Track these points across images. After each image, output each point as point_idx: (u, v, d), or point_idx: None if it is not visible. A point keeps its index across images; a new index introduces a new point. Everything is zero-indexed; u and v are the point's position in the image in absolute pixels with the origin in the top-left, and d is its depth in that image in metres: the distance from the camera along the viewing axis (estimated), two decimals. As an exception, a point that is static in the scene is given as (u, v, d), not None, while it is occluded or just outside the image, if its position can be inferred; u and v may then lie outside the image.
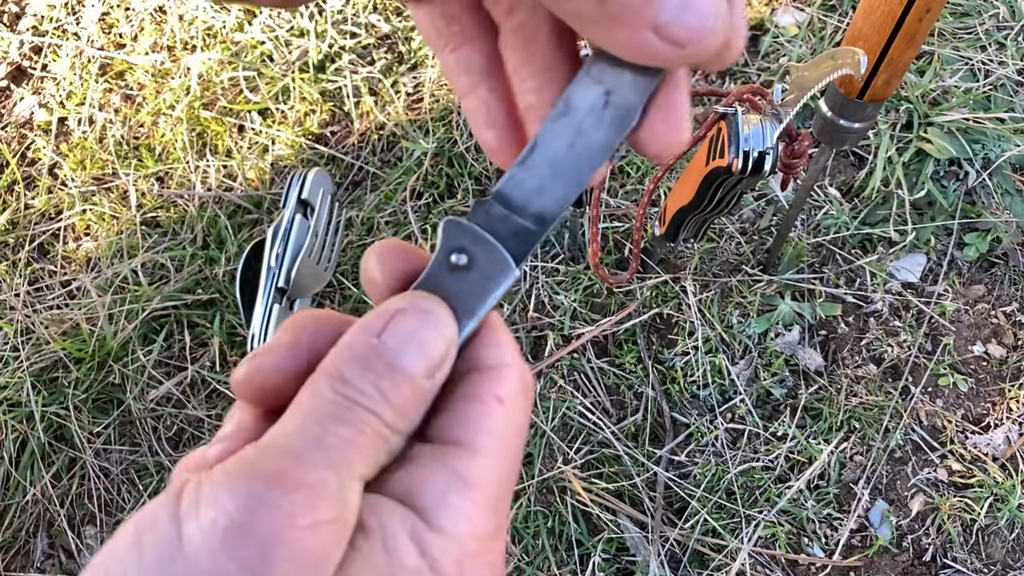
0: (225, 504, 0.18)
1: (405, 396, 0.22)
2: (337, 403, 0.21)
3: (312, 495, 0.19)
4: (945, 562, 0.93)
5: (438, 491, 0.21)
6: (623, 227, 1.09)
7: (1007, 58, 1.15)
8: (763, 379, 1.01)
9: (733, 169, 0.63)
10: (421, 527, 0.20)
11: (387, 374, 0.21)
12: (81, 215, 1.20)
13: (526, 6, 0.24)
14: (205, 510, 0.18)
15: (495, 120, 0.26)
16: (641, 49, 0.21)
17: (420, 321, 0.22)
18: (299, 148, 1.20)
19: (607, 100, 0.24)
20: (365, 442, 0.21)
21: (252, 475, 0.19)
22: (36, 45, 1.38)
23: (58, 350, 1.07)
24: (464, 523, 0.21)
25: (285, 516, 0.18)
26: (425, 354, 0.22)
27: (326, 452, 0.20)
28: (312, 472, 0.19)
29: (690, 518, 0.95)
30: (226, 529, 0.18)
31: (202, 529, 0.18)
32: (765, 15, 1.23)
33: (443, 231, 0.25)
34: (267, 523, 0.18)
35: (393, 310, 0.23)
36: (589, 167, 0.25)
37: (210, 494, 0.18)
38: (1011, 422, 0.98)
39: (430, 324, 0.23)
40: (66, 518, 1.02)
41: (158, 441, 1.05)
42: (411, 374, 0.22)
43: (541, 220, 0.25)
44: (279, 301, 1.02)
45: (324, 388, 0.21)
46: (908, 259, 1.07)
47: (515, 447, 0.23)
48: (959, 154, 1.05)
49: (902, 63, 0.65)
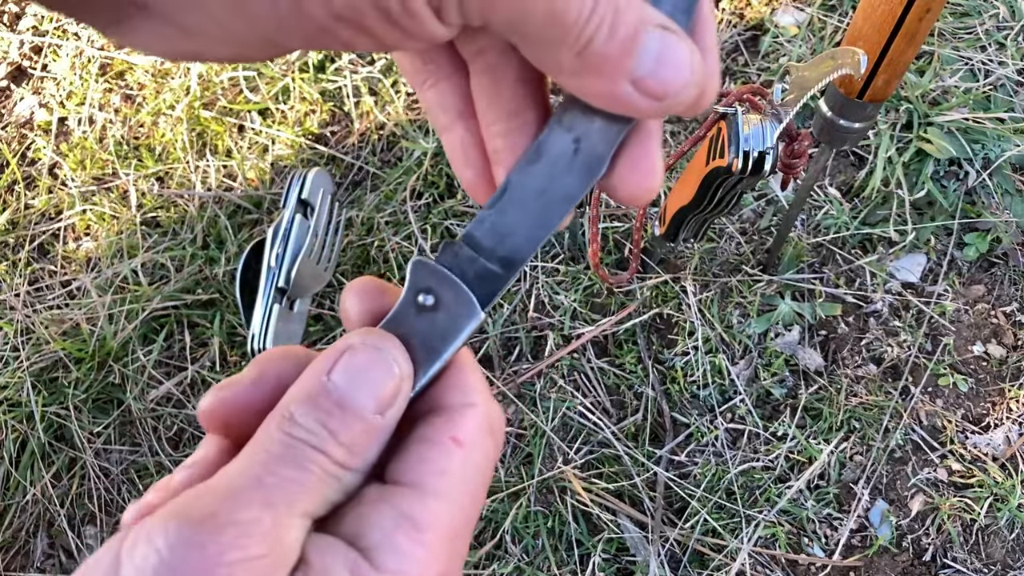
0: (157, 544, 0.19)
1: (355, 433, 0.22)
2: (283, 442, 0.21)
3: (240, 533, 0.19)
4: (945, 562, 0.93)
5: (385, 532, 0.21)
6: (623, 227, 1.09)
7: (1007, 58, 1.15)
8: (763, 379, 1.01)
9: (733, 169, 0.63)
10: (364, 567, 0.21)
11: (335, 412, 0.22)
12: (81, 215, 1.20)
13: (495, 49, 0.24)
14: (140, 550, 0.19)
15: (472, 160, 0.27)
16: (618, 101, 0.21)
17: (371, 359, 0.23)
18: (299, 148, 1.21)
19: (577, 148, 0.24)
20: (311, 480, 0.21)
21: (183, 517, 0.19)
22: (36, 45, 1.38)
23: (58, 350, 1.07)
24: (410, 564, 0.21)
25: (213, 555, 0.19)
26: (375, 392, 0.22)
27: (265, 491, 0.20)
28: (245, 511, 0.20)
29: (690, 518, 0.95)
30: (156, 569, 0.18)
31: (136, 568, 0.19)
32: (765, 15, 1.23)
33: (411, 271, 0.26)
34: (195, 563, 0.18)
35: (343, 348, 0.23)
36: (558, 213, 0.25)
37: (146, 535, 0.19)
38: (1011, 422, 0.98)
39: (380, 361, 0.23)
40: (66, 518, 1.02)
41: (158, 441, 1.05)
42: (360, 412, 0.22)
43: (509, 264, 0.25)
44: (279, 301, 1.02)
45: (273, 428, 0.21)
46: (908, 259, 1.07)
47: (474, 488, 0.23)
48: (959, 154, 1.05)
49: (902, 63, 0.65)
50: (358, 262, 1.12)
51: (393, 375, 0.23)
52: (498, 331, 1.05)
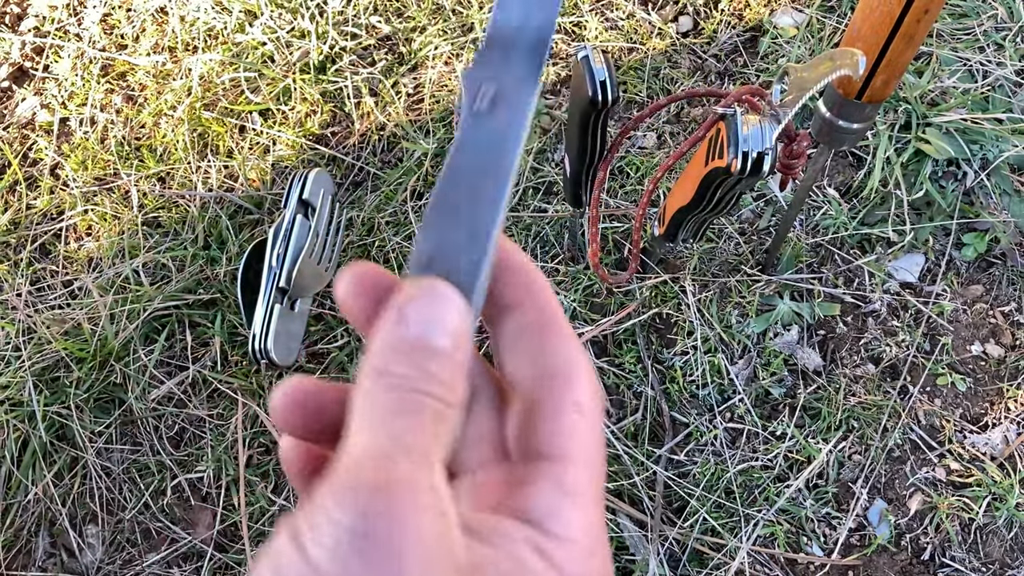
0: (339, 518, 0.19)
1: (445, 369, 0.23)
2: (391, 395, 0.22)
3: (409, 489, 0.20)
4: (944, 561, 0.93)
5: (550, 504, 0.23)
6: (623, 227, 1.10)
7: (1005, 59, 1.15)
8: (762, 379, 1.01)
9: (732, 169, 0.63)
10: (541, 538, 0.22)
11: (422, 354, 0.22)
12: (83, 215, 1.21)
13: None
14: (324, 529, 0.19)
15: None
16: None
17: (432, 302, 0.23)
18: (300, 149, 1.21)
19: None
20: (429, 424, 0.22)
21: (353, 487, 0.20)
22: (38, 46, 1.38)
23: (60, 350, 1.08)
24: (576, 530, 0.23)
25: (398, 516, 0.19)
26: (447, 329, 0.23)
27: (402, 446, 0.21)
28: (399, 469, 0.20)
29: (689, 517, 0.95)
30: (349, 541, 0.19)
31: (325, 547, 0.19)
32: (764, 16, 1.24)
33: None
34: (384, 527, 0.19)
35: (405, 299, 0.23)
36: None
37: (324, 515, 0.19)
38: (1009, 421, 0.99)
39: (442, 302, 0.24)
40: (68, 517, 1.02)
41: (159, 440, 1.05)
42: (441, 350, 0.23)
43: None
44: (280, 301, 1.03)
45: (372, 386, 0.22)
46: (906, 259, 1.08)
47: (602, 448, 0.25)
48: (957, 154, 1.06)
49: (900, 64, 0.66)
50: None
51: (459, 310, 0.24)
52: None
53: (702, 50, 1.23)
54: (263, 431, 1.04)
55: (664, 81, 1.21)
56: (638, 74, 1.21)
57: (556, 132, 1.18)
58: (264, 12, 1.30)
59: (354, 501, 0.19)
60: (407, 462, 0.21)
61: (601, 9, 1.28)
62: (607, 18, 1.27)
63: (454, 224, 0.25)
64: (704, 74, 1.22)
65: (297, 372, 1.05)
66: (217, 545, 1.00)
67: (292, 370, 1.06)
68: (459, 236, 0.25)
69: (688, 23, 1.26)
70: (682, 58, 1.23)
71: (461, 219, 0.25)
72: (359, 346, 1.07)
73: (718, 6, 1.27)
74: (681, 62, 1.23)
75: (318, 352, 1.08)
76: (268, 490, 1.01)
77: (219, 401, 1.06)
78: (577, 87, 0.69)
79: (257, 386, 1.05)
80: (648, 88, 1.20)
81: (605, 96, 0.66)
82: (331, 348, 1.07)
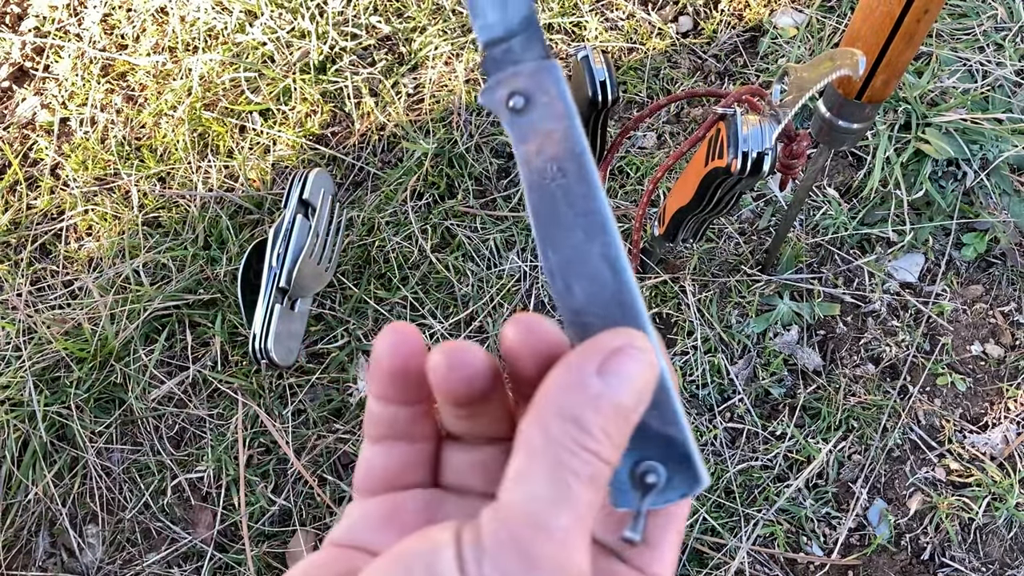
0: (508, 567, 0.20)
1: (624, 433, 0.22)
2: (571, 452, 0.21)
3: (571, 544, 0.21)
4: (943, 561, 0.93)
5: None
6: (622, 227, 1.10)
7: (1005, 59, 1.15)
8: (762, 379, 1.01)
9: (732, 170, 0.63)
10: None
11: (611, 415, 0.22)
12: (83, 215, 1.21)
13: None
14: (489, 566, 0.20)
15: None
16: None
17: (636, 360, 0.23)
18: (300, 149, 1.21)
19: None
20: (596, 484, 0.22)
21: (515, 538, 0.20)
22: (38, 46, 1.38)
23: (60, 350, 1.08)
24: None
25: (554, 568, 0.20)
26: (638, 391, 0.23)
27: (569, 501, 0.21)
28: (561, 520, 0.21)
29: (689, 517, 0.95)
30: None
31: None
32: (764, 16, 1.24)
33: None
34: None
35: (609, 349, 0.23)
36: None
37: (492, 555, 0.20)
38: (1009, 421, 0.99)
39: (645, 363, 0.23)
40: (68, 517, 1.03)
41: (160, 440, 1.05)
42: (628, 413, 0.22)
43: None
44: (280, 301, 1.03)
45: (560, 434, 0.22)
46: (906, 259, 1.08)
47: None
48: (957, 154, 1.06)
49: (900, 64, 0.66)
50: (359, 262, 1.12)
51: (654, 375, 0.23)
52: (498, 331, 1.05)
53: (702, 50, 1.23)
54: (263, 431, 1.04)
55: (664, 81, 1.21)
56: (638, 74, 1.22)
57: (556, 132, 1.18)
58: (264, 12, 1.30)
59: (517, 551, 0.20)
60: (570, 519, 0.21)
61: (601, 9, 1.28)
62: (607, 18, 1.27)
63: (579, 261, 0.24)
64: (704, 74, 1.22)
65: (298, 371, 1.06)
66: (217, 545, 1.00)
67: (292, 370, 1.06)
68: (591, 274, 0.24)
69: (688, 23, 1.26)
70: (682, 58, 1.23)
71: (580, 252, 0.24)
72: (359, 346, 1.07)
73: (718, 6, 1.27)
74: (681, 62, 1.23)
75: (318, 352, 1.08)
76: (268, 490, 1.02)
77: (219, 401, 1.07)
78: (577, 87, 0.69)
79: (257, 386, 1.05)
80: (648, 88, 1.20)
81: (605, 96, 0.66)
82: (331, 348, 1.07)
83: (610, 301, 0.24)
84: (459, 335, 1.06)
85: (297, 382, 1.06)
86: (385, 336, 0.25)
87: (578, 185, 0.24)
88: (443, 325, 1.06)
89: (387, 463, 0.27)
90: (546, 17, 1.26)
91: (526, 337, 0.23)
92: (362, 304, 1.09)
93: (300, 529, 0.99)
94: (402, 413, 0.26)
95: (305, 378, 1.06)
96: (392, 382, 0.26)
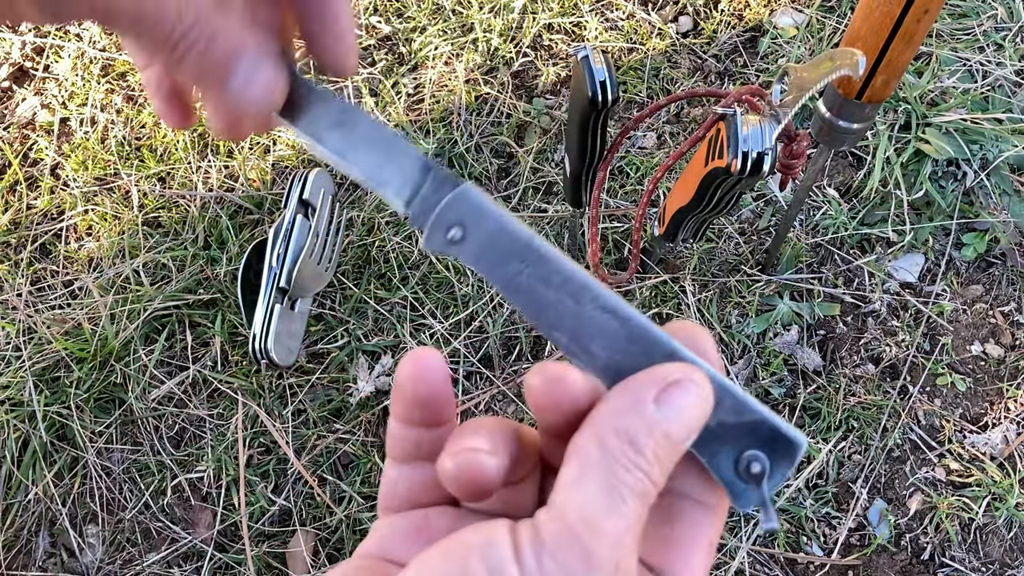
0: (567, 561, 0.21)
1: (672, 462, 0.24)
2: (625, 469, 0.23)
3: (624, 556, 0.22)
4: (943, 561, 0.93)
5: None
6: (623, 227, 1.10)
7: (1005, 59, 1.15)
8: (762, 379, 1.01)
9: (732, 170, 0.63)
10: None
11: (663, 443, 0.23)
12: (83, 215, 1.21)
13: None
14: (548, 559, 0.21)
15: (162, 91, 0.33)
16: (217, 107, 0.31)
17: (694, 394, 0.24)
18: (300, 149, 1.21)
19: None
20: (645, 505, 0.23)
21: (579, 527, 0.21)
22: (38, 46, 1.38)
23: (60, 350, 1.08)
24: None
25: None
26: (690, 423, 0.24)
27: (623, 518, 0.22)
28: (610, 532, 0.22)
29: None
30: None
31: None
32: (764, 16, 1.24)
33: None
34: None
35: (667, 379, 0.24)
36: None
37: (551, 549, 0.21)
38: (1009, 421, 0.99)
39: (702, 397, 0.24)
40: (68, 517, 1.03)
41: (160, 440, 1.05)
42: (678, 442, 0.23)
43: None
44: (280, 301, 1.03)
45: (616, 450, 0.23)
46: (906, 259, 1.08)
47: None
48: (957, 154, 1.06)
49: (900, 64, 0.66)
50: (359, 262, 1.12)
51: (707, 410, 0.24)
52: (498, 331, 1.06)
53: (702, 50, 1.23)
54: (263, 431, 1.04)
55: (664, 81, 1.21)
56: (638, 74, 1.22)
57: (556, 132, 1.18)
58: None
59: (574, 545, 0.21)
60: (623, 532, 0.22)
61: (601, 9, 1.28)
62: (607, 18, 1.27)
63: (583, 325, 0.26)
64: (704, 74, 1.22)
65: (298, 371, 1.06)
66: (217, 545, 1.00)
67: (292, 370, 1.06)
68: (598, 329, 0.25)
69: (688, 23, 1.26)
70: (682, 58, 1.23)
71: (578, 316, 0.26)
72: (359, 346, 1.07)
73: (718, 6, 1.27)
74: (681, 62, 1.23)
75: (318, 352, 1.08)
76: (268, 490, 1.02)
77: (219, 401, 1.07)
78: (577, 87, 0.69)
79: (257, 386, 1.05)
80: (648, 88, 1.20)
81: (605, 96, 0.66)
82: (331, 348, 1.07)
83: (627, 343, 0.25)
84: (459, 335, 1.06)
85: (297, 382, 1.06)
86: (408, 364, 0.26)
87: (543, 265, 0.26)
88: (443, 325, 1.07)
89: (411, 483, 0.28)
90: (546, 17, 1.26)
91: (551, 388, 0.24)
92: (362, 304, 1.09)
93: (300, 529, 0.99)
94: (427, 435, 0.27)
95: (305, 378, 1.06)
96: (417, 406, 0.27)
